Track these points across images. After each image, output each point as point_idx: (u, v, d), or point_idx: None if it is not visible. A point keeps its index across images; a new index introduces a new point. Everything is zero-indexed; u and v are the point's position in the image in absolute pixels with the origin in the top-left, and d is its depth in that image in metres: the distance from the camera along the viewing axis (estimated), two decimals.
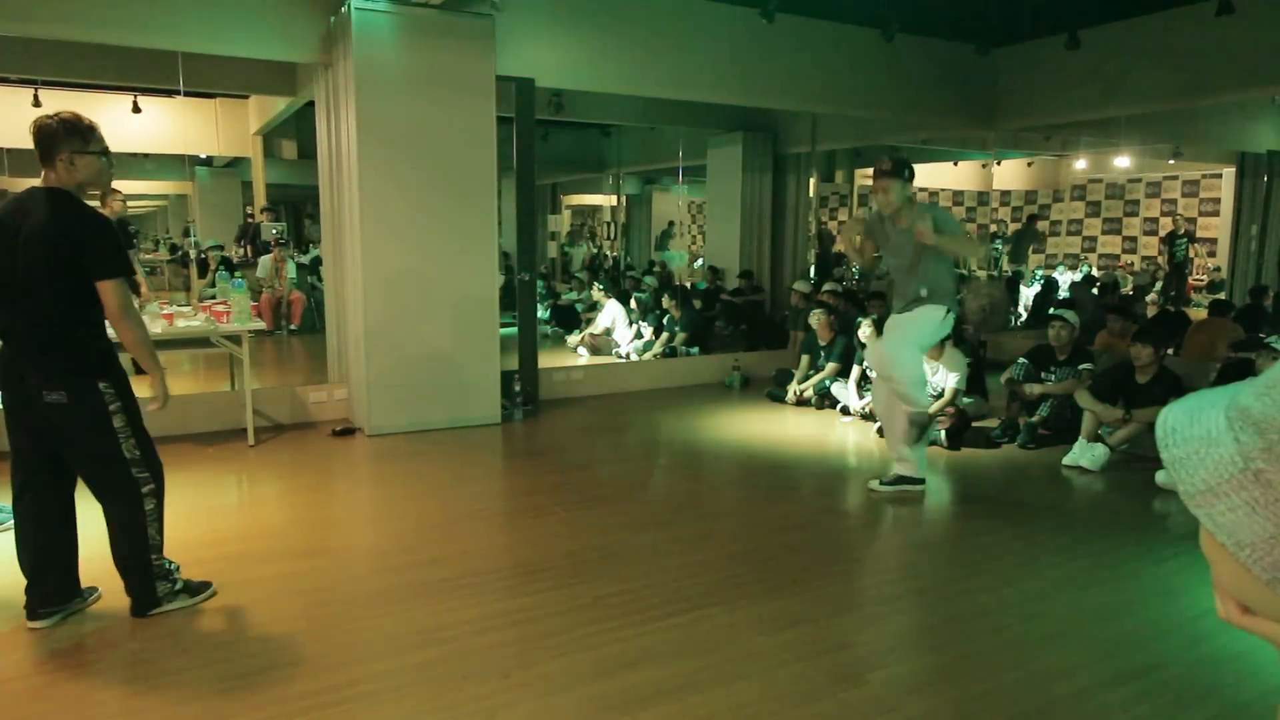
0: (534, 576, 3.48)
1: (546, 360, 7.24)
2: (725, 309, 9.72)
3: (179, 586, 3.16)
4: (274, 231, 8.91)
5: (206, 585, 3.27)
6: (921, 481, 4.63)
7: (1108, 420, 5.26)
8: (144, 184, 10.41)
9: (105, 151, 2.92)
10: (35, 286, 2.77)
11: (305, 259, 9.95)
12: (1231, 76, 6.63)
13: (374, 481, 5.04)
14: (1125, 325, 6.57)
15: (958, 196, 15.95)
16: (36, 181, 2.96)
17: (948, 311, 4.39)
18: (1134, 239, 14.66)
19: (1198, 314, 9.31)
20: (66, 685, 2.65)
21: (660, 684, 2.65)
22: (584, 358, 8.83)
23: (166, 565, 3.15)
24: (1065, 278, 12.52)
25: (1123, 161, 12.88)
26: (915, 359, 4.55)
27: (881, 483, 4.68)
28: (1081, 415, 5.37)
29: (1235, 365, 5.57)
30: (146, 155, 9.07)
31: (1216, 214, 13.53)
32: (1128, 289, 11.62)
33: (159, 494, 3.07)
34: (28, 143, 2.92)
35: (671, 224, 13.68)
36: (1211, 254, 13.48)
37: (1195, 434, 0.59)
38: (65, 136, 2.83)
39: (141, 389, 3.08)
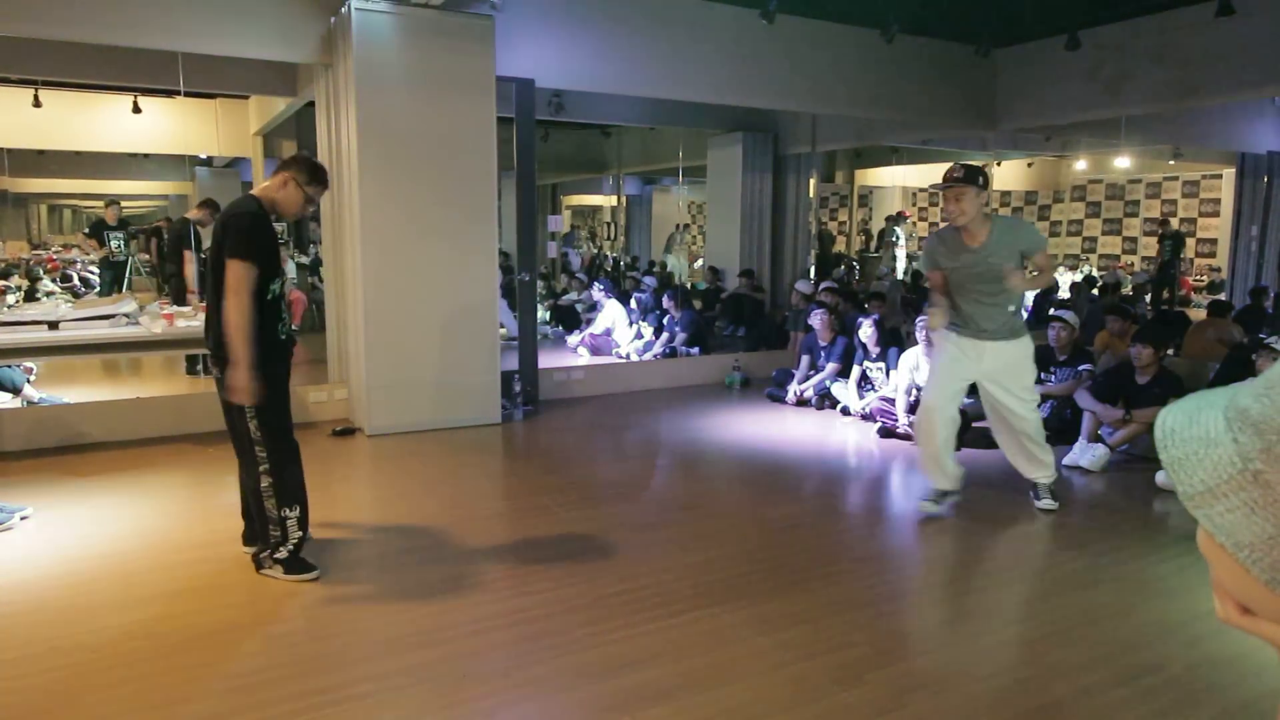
0: (534, 576, 3.49)
1: (546, 360, 7.24)
2: (729, 302, 9.73)
3: (278, 556, 3.37)
4: None
5: (311, 568, 3.40)
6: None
7: (1108, 421, 5.26)
8: (144, 184, 10.41)
9: (312, 200, 3.42)
10: (209, 273, 3.32)
11: (306, 259, 9.95)
12: (1231, 77, 6.63)
13: (374, 481, 5.04)
14: (1125, 325, 6.57)
15: None
16: (36, 181, 3.07)
17: (1028, 332, 4.26)
18: (1134, 239, 14.65)
19: (1198, 314, 9.31)
20: (64, 683, 2.64)
21: (660, 684, 2.65)
22: (584, 358, 8.83)
23: (280, 537, 3.36)
24: (1065, 278, 12.52)
25: (1123, 162, 12.88)
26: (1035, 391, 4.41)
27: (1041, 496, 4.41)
28: (1081, 415, 5.37)
29: (1234, 361, 5.56)
30: (146, 155, 9.07)
31: (1216, 214, 13.52)
32: (1127, 289, 11.61)
33: (275, 474, 3.35)
34: (27, 143, 3.00)
35: (679, 227, 13.62)
36: (1210, 255, 13.49)
37: (1194, 435, 0.59)
38: (300, 166, 3.36)
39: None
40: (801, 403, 6.87)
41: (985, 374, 4.19)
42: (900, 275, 12.95)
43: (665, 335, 8.56)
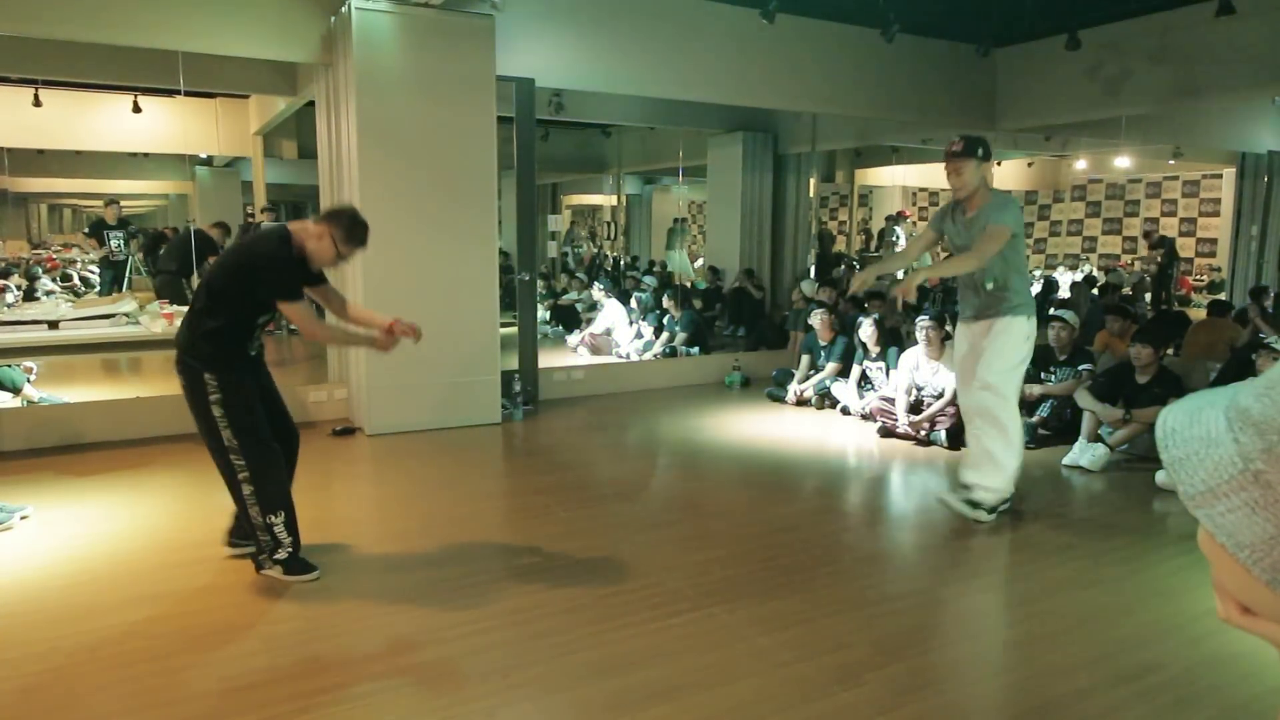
0: (534, 576, 3.49)
1: (546, 360, 7.24)
2: (731, 297, 9.77)
3: (277, 557, 3.37)
4: None
5: (311, 569, 3.41)
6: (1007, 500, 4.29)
7: (1108, 420, 5.26)
8: (144, 184, 10.41)
9: (343, 257, 3.43)
10: (203, 285, 3.40)
11: None
12: (1231, 77, 6.63)
13: (374, 481, 5.04)
14: (1125, 325, 6.57)
15: None
16: (36, 181, 3.08)
17: (1029, 318, 4.07)
18: (1134, 239, 14.65)
19: (1198, 314, 9.30)
20: (64, 683, 2.64)
21: (660, 684, 2.65)
22: (584, 358, 8.82)
23: (271, 543, 3.37)
24: (1065, 278, 12.52)
25: (1123, 162, 12.88)
26: (1017, 382, 4.15)
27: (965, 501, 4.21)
28: (1081, 415, 5.37)
29: (1235, 363, 5.56)
30: (146, 155, 9.08)
31: (1216, 214, 13.53)
32: (1126, 289, 11.62)
33: (256, 482, 3.34)
34: (27, 142, 3.00)
35: (678, 221, 13.55)
36: (1210, 255, 13.49)
37: (1195, 435, 0.59)
38: (340, 225, 3.34)
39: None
40: (801, 403, 6.86)
41: (977, 352, 4.15)
42: (900, 275, 12.93)
43: (665, 335, 8.56)
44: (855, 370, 6.55)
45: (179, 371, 3.35)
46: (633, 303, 9.48)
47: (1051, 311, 6.35)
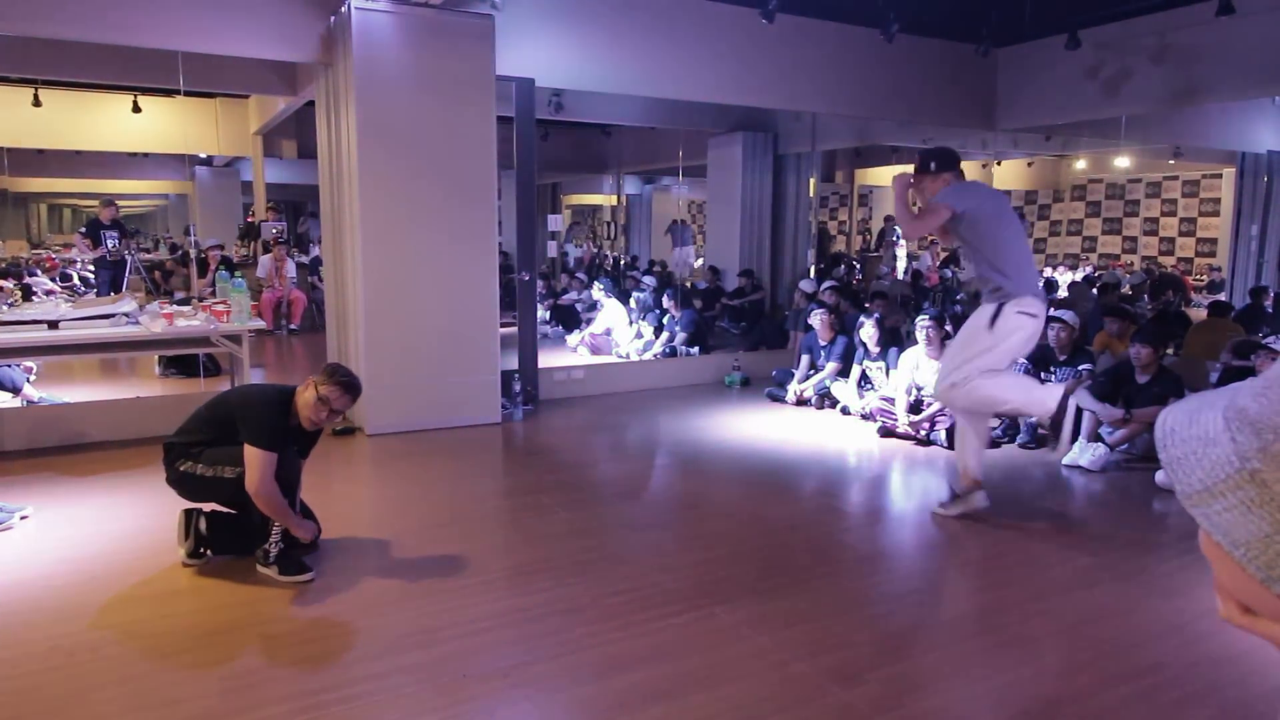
0: (534, 576, 3.49)
1: (546, 360, 7.24)
2: (735, 295, 9.84)
3: (271, 558, 3.41)
4: (274, 230, 8.92)
5: (305, 569, 3.42)
6: None
7: (1108, 420, 5.26)
8: (144, 184, 10.41)
9: (331, 414, 3.54)
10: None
11: (306, 259, 9.96)
12: (1231, 77, 6.63)
13: (374, 481, 5.04)
14: (1124, 326, 6.56)
15: None
16: (36, 181, 3.09)
17: (1016, 303, 3.96)
18: (1134, 239, 14.65)
19: (1198, 314, 9.30)
20: (64, 682, 2.65)
21: (660, 684, 2.65)
22: (584, 357, 8.82)
23: (275, 538, 3.44)
24: (1064, 278, 12.52)
25: (1123, 162, 12.88)
26: (993, 364, 4.05)
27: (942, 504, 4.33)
28: (1081, 415, 5.37)
29: (1235, 372, 5.56)
30: (146, 155, 9.08)
31: (1216, 214, 13.51)
32: (1126, 289, 11.61)
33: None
34: (28, 142, 2.99)
35: (677, 222, 13.50)
36: (1210, 254, 13.49)
37: (1193, 434, 0.59)
38: (331, 380, 3.49)
39: None
40: (801, 402, 6.86)
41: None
42: (900, 275, 12.95)
43: (665, 335, 8.56)
44: (855, 370, 6.55)
45: (168, 466, 3.58)
46: (632, 303, 9.47)
47: (1051, 312, 6.35)
